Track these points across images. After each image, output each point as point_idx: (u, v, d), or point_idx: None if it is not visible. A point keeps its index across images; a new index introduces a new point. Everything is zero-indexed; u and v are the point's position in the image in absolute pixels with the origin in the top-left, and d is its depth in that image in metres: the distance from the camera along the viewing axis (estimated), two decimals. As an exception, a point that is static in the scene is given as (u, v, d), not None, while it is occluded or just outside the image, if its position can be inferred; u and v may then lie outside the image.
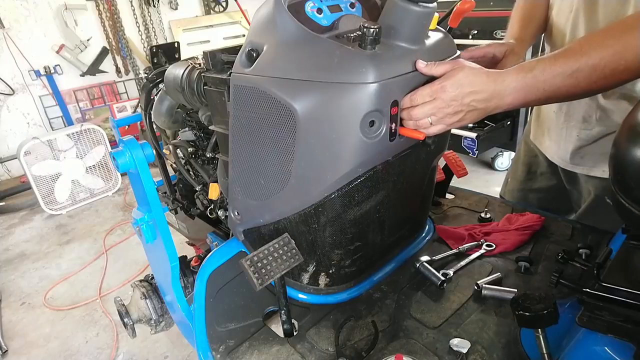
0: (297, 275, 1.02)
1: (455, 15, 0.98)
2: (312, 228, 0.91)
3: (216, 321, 0.97)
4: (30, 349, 2.19)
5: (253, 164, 0.88)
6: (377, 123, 0.76)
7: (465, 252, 1.14)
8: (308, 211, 0.88)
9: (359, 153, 0.78)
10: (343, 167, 0.80)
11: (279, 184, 0.85)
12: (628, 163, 0.65)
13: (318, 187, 0.83)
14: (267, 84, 0.77)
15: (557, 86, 0.76)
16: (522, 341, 0.83)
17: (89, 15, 4.24)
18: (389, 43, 0.76)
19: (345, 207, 0.88)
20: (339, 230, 0.92)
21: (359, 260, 1.01)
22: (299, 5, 0.82)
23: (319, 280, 1.02)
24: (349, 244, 0.96)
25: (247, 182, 0.91)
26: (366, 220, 0.95)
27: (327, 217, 0.89)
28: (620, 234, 0.87)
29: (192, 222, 1.49)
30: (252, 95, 0.80)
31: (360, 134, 0.75)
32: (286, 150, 0.80)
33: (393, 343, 0.90)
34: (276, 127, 0.78)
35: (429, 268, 1.06)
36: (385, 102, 0.75)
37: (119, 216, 3.44)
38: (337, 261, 0.98)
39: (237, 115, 0.85)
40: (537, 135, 1.34)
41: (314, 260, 0.98)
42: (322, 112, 0.74)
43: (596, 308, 0.71)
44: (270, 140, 0.82)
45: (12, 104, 4.05)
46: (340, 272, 1.01)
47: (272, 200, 0.89)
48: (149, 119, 1.35)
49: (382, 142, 0.79)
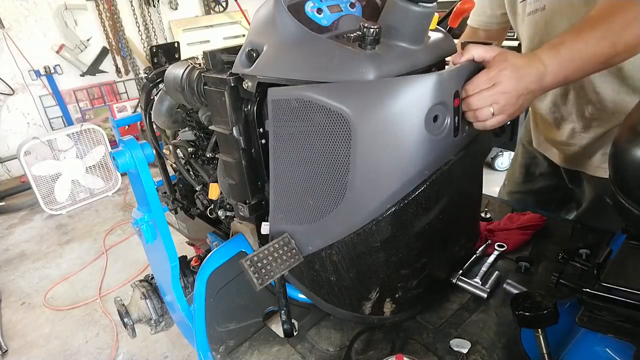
0: (356, 305, 0.90)
1: (455, 15, 0.98)
2: (373, 248, 0.82)
3: (216, 321, 0.97)
4: (30, 349, 2.18)
5: (299, 185, 0.80)
6: (441, 117, 0.72)
7: (483, 255, 1.11)
8: (368, 228, 0.79)
9: (425, 152, 0.72)
10: (409, 170, 0.73)
11: (332, 200, 0.77)
12: (628, 163, 0.65)
13: (379, 198, 0.75)
14: (311, 92, 0.71)
15: (593, 52, 0.76)
16: (522, 341, 0.83)
17: (89, 15, 4.24)
18: (389, 43, 0.76)
19: (411, 218, 0.80)
20: (405, 245, 0.83)
21: (425, 280, 0.92)
22: (299, 5, 0.82)
23: (383, 308, 0.91)
24: (416, 261, 0.87)
25: (293, 206, 0.84)
26: (430, 232, 0.86)
27: (390, 233, 0.80)
28: (620, 234, 0.87)
29: (192, 222, 1.49)
30: (294, 107, 0.74)
31: (426, 131, 0.70)
32: (340, 162, 0.73)
33: (393, 343, 0.90)
34: (327, 137, 0.72)
35: (470, 282, 1.00)
36: (447, 93, 0.71)
37: (119, 216, 3.44)
38: (403, 282, 0.89)
39: (278, 134, 0.78)
40: (539, 143, 1.33)
41: (377, 285, 0.88)
42: (380, 112, 0.69)
43: (596, 308, 0.71)
44: (319, 154, 0.75)
45: (12, 104, 4.05)
46: (407, 295, 0.91)
47: (324, 220, 0.80)
48: (149, 119, 1.35)
49: (447, 138, 0.74)
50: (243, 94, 0.86)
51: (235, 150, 0.91)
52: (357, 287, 0.89)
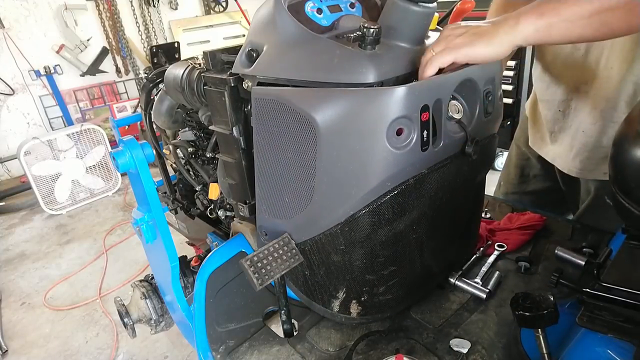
0: (326, 301, 0.94)
1: (455, 15, 0.98)
2: (339, 250, 0.84)
3: (216, 321, 0.97)
4: (30, 349, 2.18)
5: (277, 181, 0.83)
6: (406, 131, 0.71)
7: (483, 255, 1.12)
8: (334, 231, 0.81)
9: (386, 165, 0.73)
10: (369, 181, 0.74)
11: (302, 201, 0.80)
12: (628, 163, 0.65)
13: (343, 204, 0.77)
14: (287, 95, 0.74)
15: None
16: (522, 341, 0.83)
17: (89, 15, 4.24)
18: (389, 43, 0.76)
19: (374, 227, 0.81)
20: (369, 252, 0.85)
21: (395, 287, 0.93)
22: (299, 6, 0.82)
23: (350, 309, 0.94)
24: (382, 269, 0.88)
25: (273, 200, 0.86)
26: (400, 242, 0.87)
27: (354, 238, 0.82)
28: (620, 234, 0.87)
29: (192, 222, 1.49)
30: (273, 108, 0.76)
31: (387, 144, 0.70)
32: (308, 165, 0.75)
33: (393, 343, 0.90)
34: (297, 140, 0.75)
35: (470, 282, 1.01)
36: (414, 108, 0.70)
37: (119, 216, 3.44)
38: (369, 287, 0.90)
39: (259, 130, 0.81)
40: (535, 141, 1.31)
41: (344, 286, 0.91)
42: (344, 121, 0.70)
43: (596, 308, 0.71)
44: (292, 155, 0.77)
45: (12, 104, 4.05)
46: (373, 300, 0.93)
47: (297, 218, 0.84)
48: (149, 119, 1.35)
49: (413, 152, 0.73)
50: (243, 94, 0.86)
51: (235, 150, 0.91)
52: (326, 284, 0.91)
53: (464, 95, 0.83)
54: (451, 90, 0.77)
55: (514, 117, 3.15)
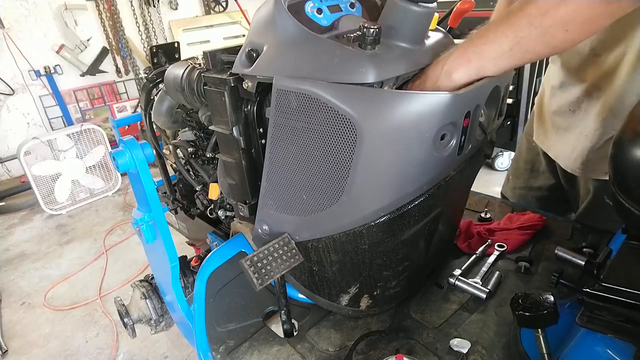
0: (334, 295, 0.94)
1: (455, 15, 0.98)
2: (360, 249, 0.83)
3: (216, 321, 0.97)
4: (30, 349, 2.18)
5: (294, 177, 0.79)
6: (449, 136, 0.72)
7: (483, 255, 1.12)
8: (358, 231, 0.79)
9: (427, 169, 0.73)
10: (408, 185, 0.74)
11: (327, 200, 0.77)
12: (628, 163, 0.65)
13: (375, 206, 0.75)
14: (322, 91, 0.69)
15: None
16: (522, 341, 0.83)
17: (89, 15, 4.23)
18: (389, 43, 0.76)
19: (402, 228, 0.81)
20: (391, 250, 0.85)
21: (404, 280, 0.95)
22: (299, 6, 0.82)
23: (360, 303, 0.94)
24: (398, 265, 0.89)
25: (285, 196, 0.83)
26: (417, 239, 0.88)
27: (379, 238, 0.80)
28: (620, 234, 0.87)
29: (192, 222, 1.49)
30: (301, 102, 0.71)
31: (432, 148, 0.70)
32: (341, 165, 0.72)
33: (393, 343, 0.90)
34: (330, 138, 0.70)
35: (470, 282, 1.02)
36: (460, 113, 0.71)
37: (119, 216, 3.44)
38: (383, 283, 0.91)
39: (278, 124, 0.76)
40: (538, 135, 1.32)
41: (358, 282, 0.91)
42: (392, 125, 0.67)
43: (596, 308, 0.71)
44: (320, 153, 0.73)
45: (12, 104, 4.05)
46: (384, 294, 0.94)
47: (315, 216, 0.80)
48: (149, 119, 1.35)
49: (450, 156, 0.74)
50: (243, 94, 0.86)
51: (235, 150, 0.91)
52: (337, 280, 0.91)
53: (487, 99, 0.84)
54: (486, 97, 0.78)
55: (514, 117, 3.16)
